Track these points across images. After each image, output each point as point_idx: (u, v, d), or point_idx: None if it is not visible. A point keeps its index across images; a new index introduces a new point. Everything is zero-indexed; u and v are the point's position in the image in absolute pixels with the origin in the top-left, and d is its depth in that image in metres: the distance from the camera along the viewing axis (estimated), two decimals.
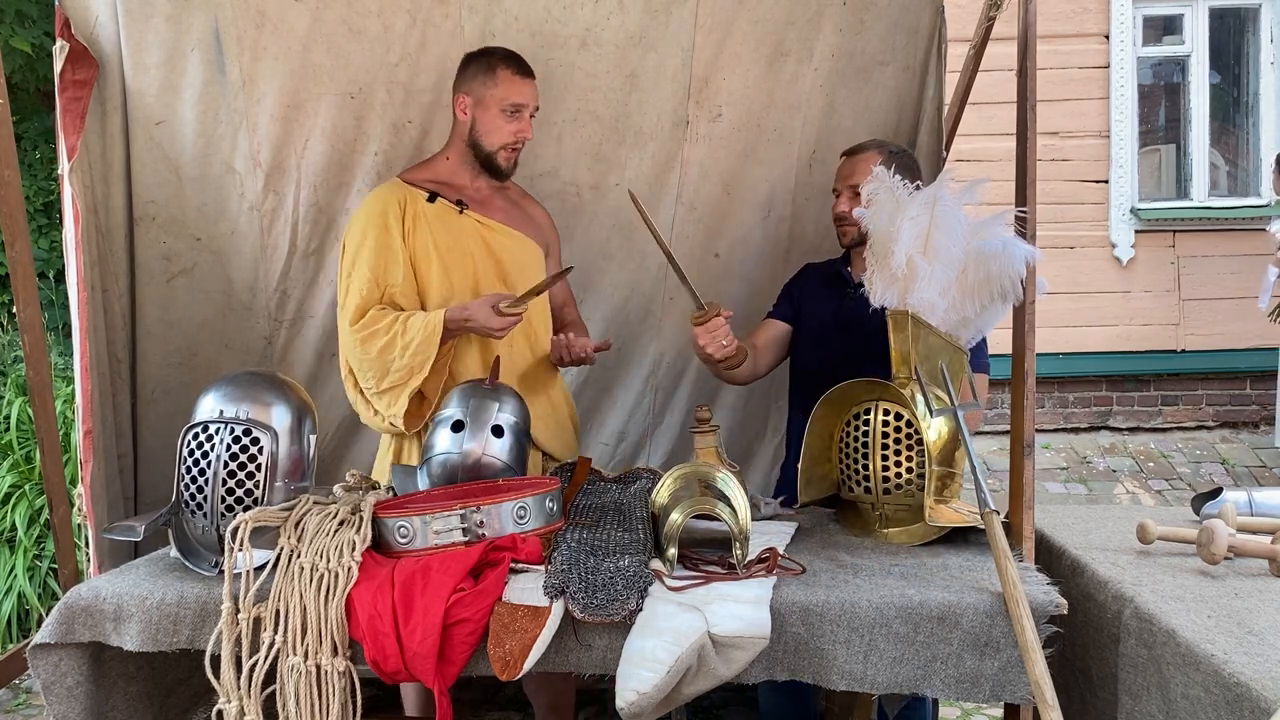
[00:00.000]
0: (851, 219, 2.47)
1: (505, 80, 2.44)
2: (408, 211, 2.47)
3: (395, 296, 2.42)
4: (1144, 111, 6.76)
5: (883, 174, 2.13)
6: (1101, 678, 1.78)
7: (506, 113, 2.45)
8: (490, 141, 2.47)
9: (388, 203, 2.47)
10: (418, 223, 2.47)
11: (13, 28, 5.71)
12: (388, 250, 2.43)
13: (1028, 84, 2.00)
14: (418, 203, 2.48)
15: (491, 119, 2.45)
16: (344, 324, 2.42)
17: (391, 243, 2.43)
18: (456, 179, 2.54)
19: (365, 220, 2.47)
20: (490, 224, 2.52)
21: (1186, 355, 6.62)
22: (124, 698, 1.91)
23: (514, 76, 2.45)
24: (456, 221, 2.49)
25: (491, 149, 2.47)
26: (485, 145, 2.47)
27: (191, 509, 1.86)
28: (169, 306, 2.81)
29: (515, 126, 2.46)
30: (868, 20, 2.75)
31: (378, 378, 2.36)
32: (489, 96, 2.44)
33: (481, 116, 2.46)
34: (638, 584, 1.69)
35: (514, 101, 2.44)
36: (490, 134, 2.46)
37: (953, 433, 2.05)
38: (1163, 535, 1.97)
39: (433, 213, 2.48)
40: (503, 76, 2.44)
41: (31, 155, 7.24)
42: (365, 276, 2.41)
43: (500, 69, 2.45)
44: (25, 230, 2.29)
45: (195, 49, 2.64)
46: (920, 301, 2.06)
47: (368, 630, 1.69)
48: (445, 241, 2.47)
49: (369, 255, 2.42)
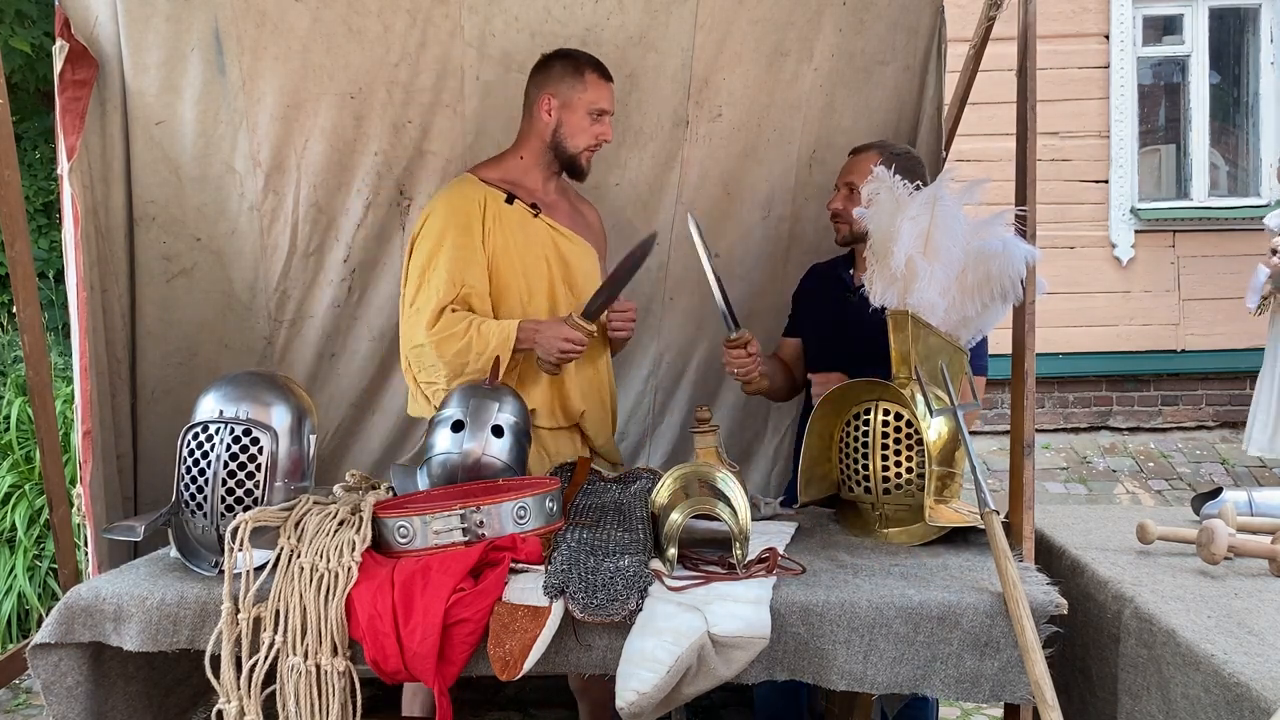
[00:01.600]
0: (845, 216, 2.49)
1: (594, 84, 2.47)
2: (488, 211, 2.47)
3: (471, 298, 2.42)
4: (1144, 111, 6.76)
5: (883, 174, 2.13)
6: (1101, 678, 1.78)
7: (593, 116, 2.47)
8: (575, 143, 2.49)
9: (470, 201, 2.47)
10: (498, 223, 2.47)
11: (13, 28, 5.71)
12: (468, 250, 2.42)
13: (1028, 84, 2.00)
14: (497, 203, 2.48)
15: (578, 121, 2.47)
16: (417, 322, 2.40)
17: (472, 243, 2.43)
18: (528, 180, 2.54)
19: (445, 218, 2.46)
20: (560, 228, 2.53)
21: (1186, 355, 6.62)
22: (123, 698, 1.91)
23: (600, 81, 2.48)
24: (532, 224, 2.49)
25: (576, 150, 2.50)
26: (569, 147, 2.49)
27: (191, 509, 1.86)
28: (169, 306, 2.81)
29: (599, 129, 2.50)
30: (868, 20, 2.75)
31: (449, 377, 2.38)
32: (577, 100, 2.46)
33: (568, 119, 2.48)
34: (638, 584, 1.69)
35: (601, 106, 2.48)
36: (575, 136, 2.48)
37: (953, 433, 2.05)
38: (1163, 535, 1.97)
39: (511, 214, 2.48)
40: (591, 80, 2.47)
41: (31, 155, 7.24)
42: (444, 278, 2.40)
43: (589, 73, 2.48)
44: (25, 230, 2.29)
45: (195, 49, 2.64)
46: (920, 301, 2.06)
47: (368, 630, 1.69)
48: (521, 244, 2.48)
49: (448, 255, 2.41)
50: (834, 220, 2.57)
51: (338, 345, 2.95)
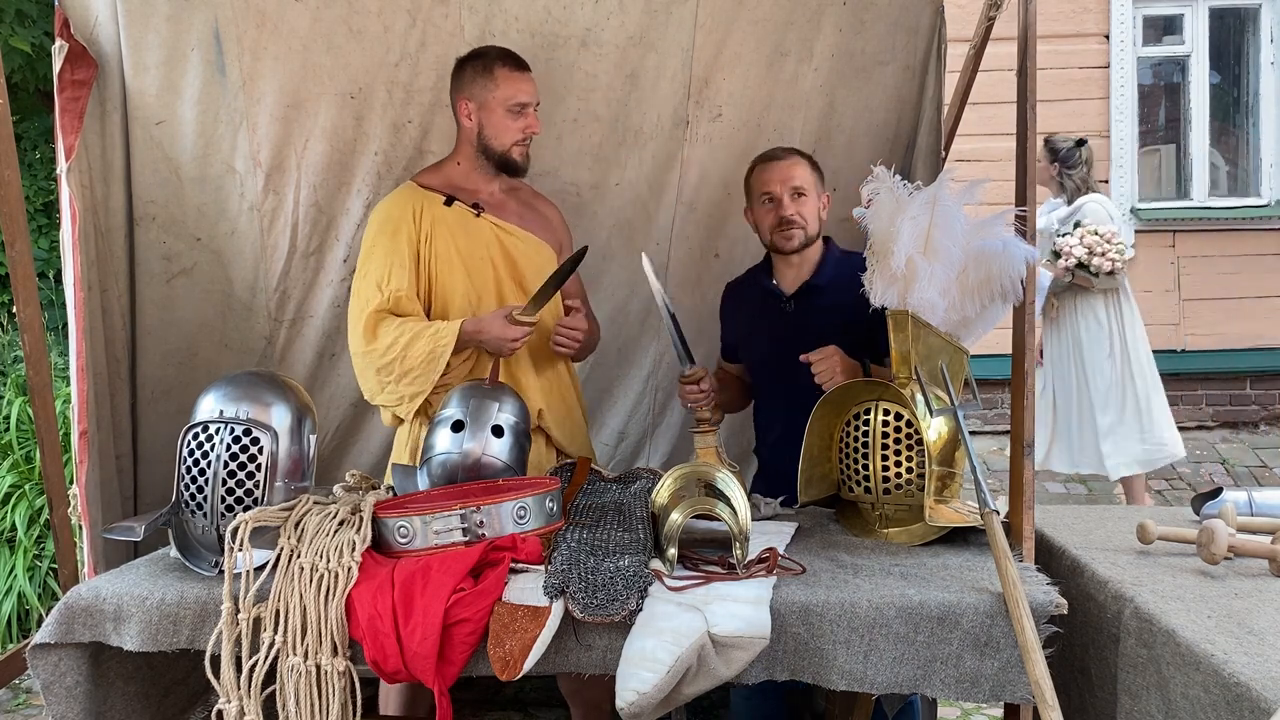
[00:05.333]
0: (799, 222, 2.45)
1: (506, 80, 2.43)
2: (424, 216, 2.46)
3: (401, 302, 2.40)
4: (1144, 111, 6.76)
5: (883, 174, 2.13)
6: (1101, 678, 1.78)
7: (512, 111, 2.44)
8: (501, 142, 2.46)
9: (401, 208, 2.47)
10: (437, 227, 2.46)
11: (13, 27, 5.70)
12: (395, 254, 2.42)
13: (1028, 84, 2.00)
14: (435, 207, 2.48)
15: (498, 120, 2.44)
16: (354, 339, 2.42)
17: (399, 247, 2.42)
18: (470, 182, 2.53)
19: (376, 228, 2.48)
20: (506, 227, 2.51)
21: (1186, 355, 6.62)
22: (122, 698, 1.91)
23: (513, 74, 2.44)
24: (475, 225, 2.48)
25: (503, 149, 2.46)
26: (496, 147, 2.46)
27: (191, 509, 1.86)
28: (169, 306, 2.81)
29: (523, 123, 2.45)
30: (868, 20, 2.75)
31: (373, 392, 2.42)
32: (491, 99, 2.43)
33: (487, 119, 2.45)
34: (638, 584, 1.69)
35: (518, 100, 2.43)
36: (499, 135, 2.45)
37: (953, 433, 2.05)
38: (1163, 535, 1.97)
39: (452, 216, 2.47)
40: (502, 76, 2.43)
41: (31, 155, 7.24)
42: (371, 285, 2.41)
43: (498, 68, 2.44)
44: (25, 230, 2.28)
45: (195, 49, 2.64)
46: (920, 301, 2.06)
47: (368, 630, 1.69)
48: (465, 245, 2.47)
49: (376, 262, 2.43)
50: (786, 228, 2.46)
51: (338, 345, 2.95)
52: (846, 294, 2.44)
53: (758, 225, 2.54)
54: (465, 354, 2.44)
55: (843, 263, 2.52)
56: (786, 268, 2.54)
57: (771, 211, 2.48)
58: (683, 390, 2.46)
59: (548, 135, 2.87)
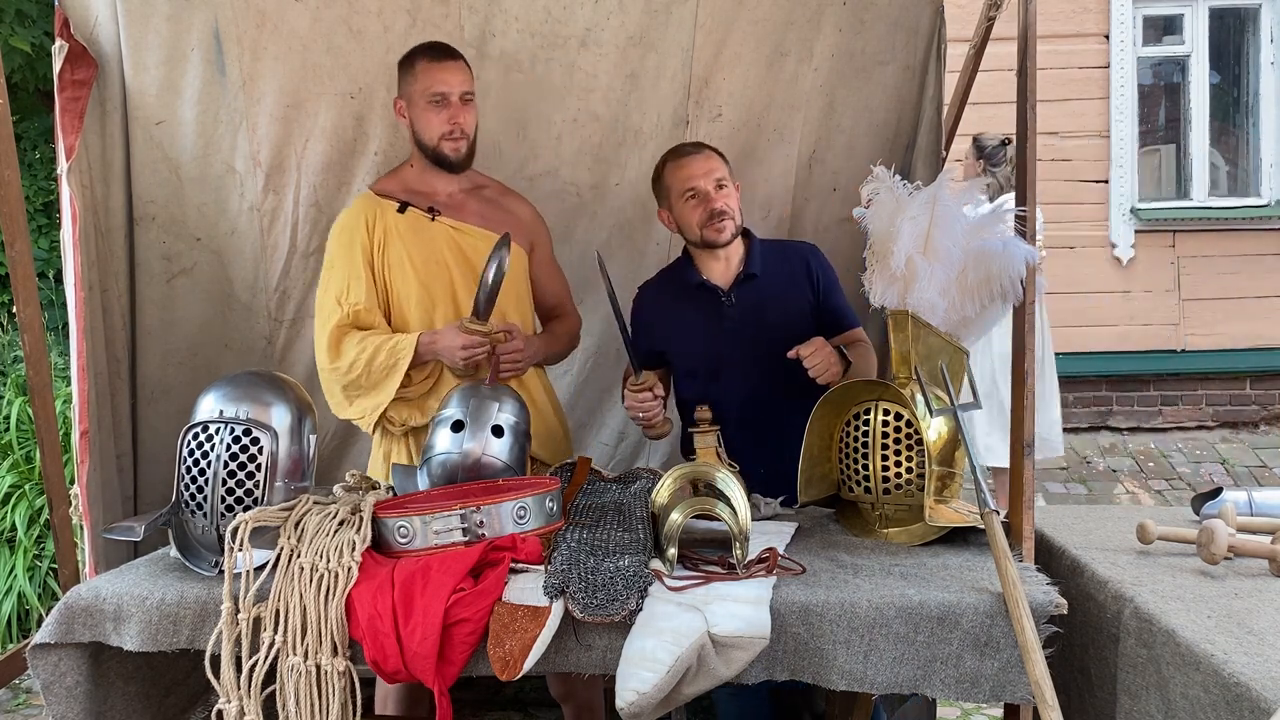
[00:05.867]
0: (730, 213, 2.40)
1: (424, 71, 2.37)
2: (376, 226, 2.42)
3: (360, 316, 2.38)
4: (1144, 111, 6.76)
5: (883, 174, 2.13)
6: (1101, 678, 1.78)
7: (433, 103, 2.37)
8: (429, 137, 2.40)
9: (356, 219, 2.45)
10: (389, 236, 2.42)
11: (13, 27, 5.70)
12: (351, 267, 2.40)
13: (1028, 84, 2.00)
14: (388, 215, 2.43)
15: (421, 114, 2.39)
16: (320, 355, 2.41)
17: (354, 259, 2.40)
18: (425, 185, 2.49)
19: (334, 241, 2.47)
20: (464, 228, 2.46)
21: (1186, 355, 6.62)
22: (122, 698, 1.91)
23: (431, 64, 2.37)
24: (429, 230, 2.44)
25: (432, 143, 2.40)
26: (426, 142, 2.41)
27: (191, 509, 1.86)
28: (169, 306, 2.81)
29: (446, 114, 2.38)
30: (868, 20, 2.75)
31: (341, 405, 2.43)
32: (413, 93, 2.39)
33: (414, 115, 2.41)
34: (638, 584, 1.69)
35: (435, 91, 2.36)
36: (425, 130, 2.40)
37: (953, 433, 2.05)
38: (1163, 535, 1.97)
39: (405, 223, 2.43)
40: (421, 69, 2.38)
41: (31, 155, 7.24)
42: (331, 301, 2.40)
43: (419, 61, 2.39)
44: (25, 230, 2.29)
45: (195, 49, 2.64)
46: (920, 301, 2.06)
47: (368, 630, 1.69)
48: (419, 252, 2.42)
49: (334, 277, 2.42)
50: (719, 219, 2.39)
51: None
52: (783, 283, 2.48)
53: (681, 224, 2.46)
54: (427, 369, 2.42)
55: (770, 252, 2.52)
56: (714, 262, 2.48)
57: (699, 206, 2.40)
58: (631, 400, 2.39)
59: (547, 135, 2.88)
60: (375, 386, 2.37)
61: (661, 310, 2.55)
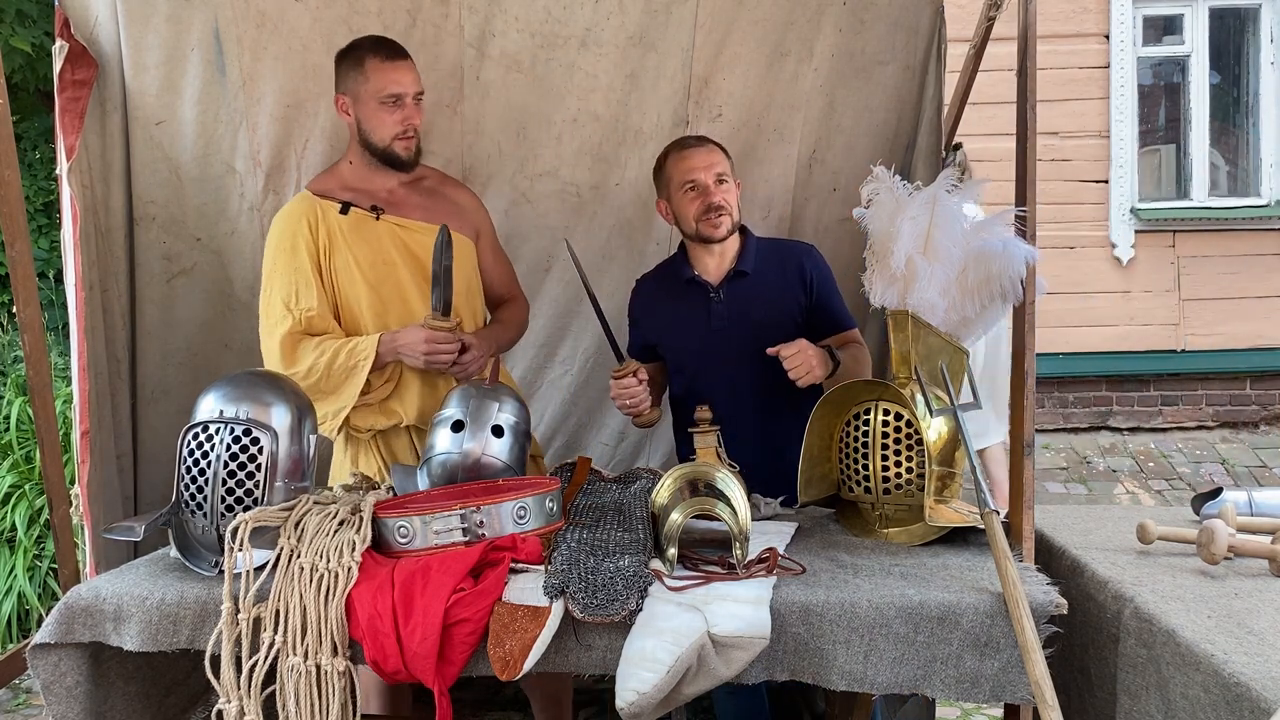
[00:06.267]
0: (727, 208, 2.40)
1: (376, 71, 2.32)
2: (320, 229, 2.38)
3: (314, 322, 2.35)
4: (1144, 111, 6.76)
5: (883, 174, 2.13)
6: (1101, 678, 1.78)
7: (386, 104, 2.33)
8: (380, 137, 2.36)
9: (295, 221, 2.38)
10: (334, 239, 2.38)
11: (13, 27, 5.71)
12: (296, 272, 2.35)
13: (1028, 84, 2.00)
14: (329, 217, 2.39)
15: (372, 114, 2.34)
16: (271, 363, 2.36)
17: (299, 263, 2.35)
18: (365, 183, 2.44)
19: (274, 243, 2.40)
20: (409, 224, 2.42)
21: (1186, 355, 6.62)
22: (123, 698, 1.91)
23: (384, 64, 2.33)
24: (373, 230, 2.39)
25: (383, 144, 2.37)
26: (376, 142, 2.37)
27: (191, 509, 1.86)
28: (169, 306, 2.81)
29: (399, 115, 2.35)
30: (868, 20, 2.75)
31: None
32: (363, 91, 2.34)
33: (362, 114, 2.36)
34: (638, 584, 1.69)
35: (389, 92, 2.33)
36: (376, 129, 2.36)
37: (953, 433, 2.05)
38: (1163, 535, 1.97)
39: (348, 225, 2.38)
40: (372, 67, 2.33)
41: (31, 155, 7.24)
42: (279, 309, 2.34)
43: (369, 60, 2.33)
44: (25, 230, 2.28)
45: (195, 49, 2.64)
46: (920, 301, 2.06)
47: (368, 630, 1.69)
48: (366, 255, 2.38)
49: (279, 282, 2.36)
50: (715, 214, 2.39)
51: None
52: (774, 282, 2.47)
53: (678, 215, 2.46)
54: (386, 372, 2.38)
55: (765, 251, 2.52)
56: (709, 257, 2.48)
57: (697, 200, 2.40)
58: (616, 387, 2.36)
59: (548, 135, 2.88)
60: (335, 390, 2.33)
61: (655, 304, 2.57)
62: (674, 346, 2.54)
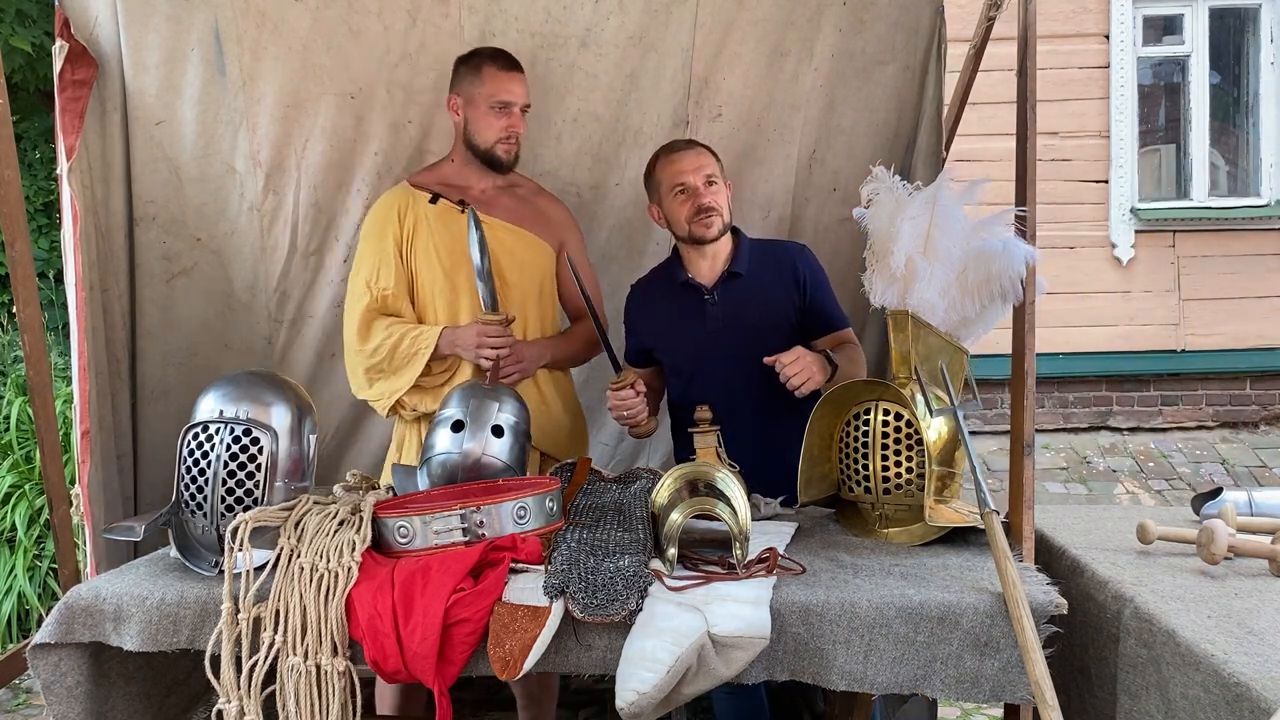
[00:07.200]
0: (718, 209, 2.40)
1: (491, 78, 2.48)
2: (408, 216, 2.53)
3: (389, 301, 2.49)
4: (1144, 111, 6.75)
5: (883, 174, 2.13)
6: (1101, 678, 1.78)
7: (495, 109, 2.48)
8: (484, 139, 2.50)
9: (388, 208, 2.55)
10: (419, 226, 2.52)
11: (13, 27, 5.70)
12: (380, 254, 2.50)
13: (1028, 84, 2.00)
14: (420, 206, 2.53)
15: (481, 116, 2.49)
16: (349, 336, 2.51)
17: (384, 246, 2.50)
18: (462, 180, 2.57)
19: (366, 228, 2.58)
20: (491, 221, 2.52)
21: (1186, 355, 6.62)
22: (123, 698, 1.91)
23: (499, 73, 2.48)
24: (458, 221, 2.50)
25: (486, 145, 2.51)
26: (479, 143, 2.51)
27: (191, 509, 1.86)
28: (169, 306, 2.81)
29: (505, 122, 2.49)
30: (868, 20, 2.75)
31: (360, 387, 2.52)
32: (476, 95, 2.49)
33: (472, 115, 2.50)
34: (638, 584, 1.69)
35: (500, 99, 2.48)
36: (481, 131, 2.50)
37: (953, 433, 2.05)
38: (1163, 535, 1.97)
39: (434, 214, 2.52)
40: (488, 74, 2.48)
41: (31, 155, 7.24)
42: (361, 285, 2.51)
43: (486, 67, 2.49)
44: (25, 230, 2.29)
45: (195, 49, 2.64)
46: (920, 301, 2.06)
47: (368, 630, 1.69)
48: (445, 242, 2.50)
49: (365, 262, 2.52)
50: (705, 215, 2.40)
51: (338, 345, 2.94)
52: (768, 283, 2.47)
53: (670, 219, 2.48)
54: (446, 362, 2.49)
55: (758, 252, 2.52)
56: (701, 259, 2.48)
57: (687, 202, 2.41)
58: (613, 399, 2.37)
59: (547, 135, 2.88)
60: (396, 372, 2.46)
61: (650, 309, 2.58)
62: (670, 350, 2.54)
